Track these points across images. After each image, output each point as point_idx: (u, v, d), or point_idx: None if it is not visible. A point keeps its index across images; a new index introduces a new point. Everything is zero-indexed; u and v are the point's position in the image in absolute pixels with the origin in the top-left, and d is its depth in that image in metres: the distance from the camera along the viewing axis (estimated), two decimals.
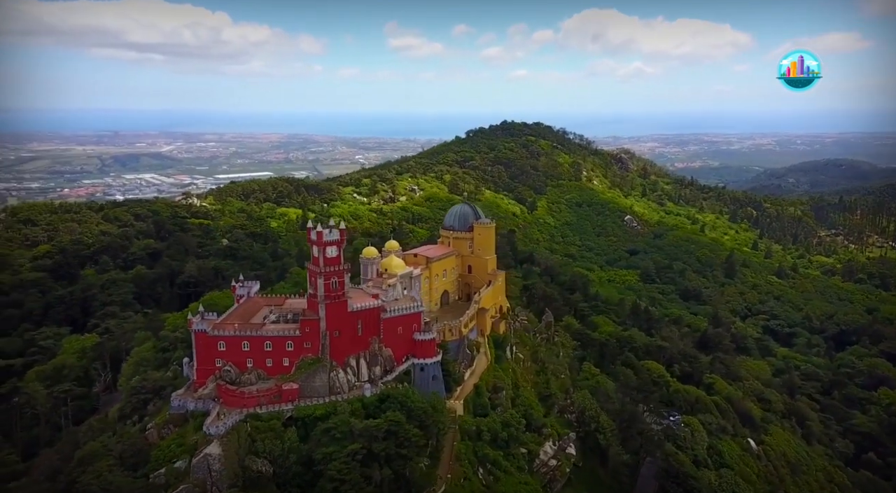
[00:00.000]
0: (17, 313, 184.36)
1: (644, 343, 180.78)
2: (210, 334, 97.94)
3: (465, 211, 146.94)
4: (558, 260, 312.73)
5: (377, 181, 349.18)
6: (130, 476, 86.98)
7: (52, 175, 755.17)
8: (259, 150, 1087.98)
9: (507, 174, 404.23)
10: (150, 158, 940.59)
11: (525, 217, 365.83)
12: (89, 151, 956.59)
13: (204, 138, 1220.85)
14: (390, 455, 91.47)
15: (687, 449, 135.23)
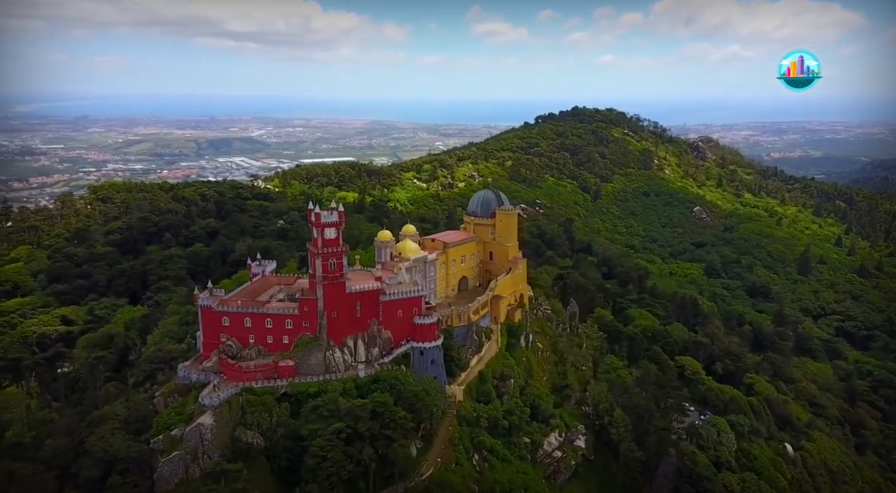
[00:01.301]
0: (85, 284, 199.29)
1: (683, 339, 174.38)
2: (215, 309, 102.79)
3: (488, 197, 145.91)
4: (618, 251, 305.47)
5: (437, 167, 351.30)
6: (134, 441, 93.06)
7: (153, 157, 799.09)
8: (343, 135, 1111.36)
9: (572, 161, 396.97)
10: (242, 142, 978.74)
11: (587, 205, 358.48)
12: (187, 135, 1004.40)
13: (292, 124, 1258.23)
14: (375, 435, 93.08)
15: (709, 450, 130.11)
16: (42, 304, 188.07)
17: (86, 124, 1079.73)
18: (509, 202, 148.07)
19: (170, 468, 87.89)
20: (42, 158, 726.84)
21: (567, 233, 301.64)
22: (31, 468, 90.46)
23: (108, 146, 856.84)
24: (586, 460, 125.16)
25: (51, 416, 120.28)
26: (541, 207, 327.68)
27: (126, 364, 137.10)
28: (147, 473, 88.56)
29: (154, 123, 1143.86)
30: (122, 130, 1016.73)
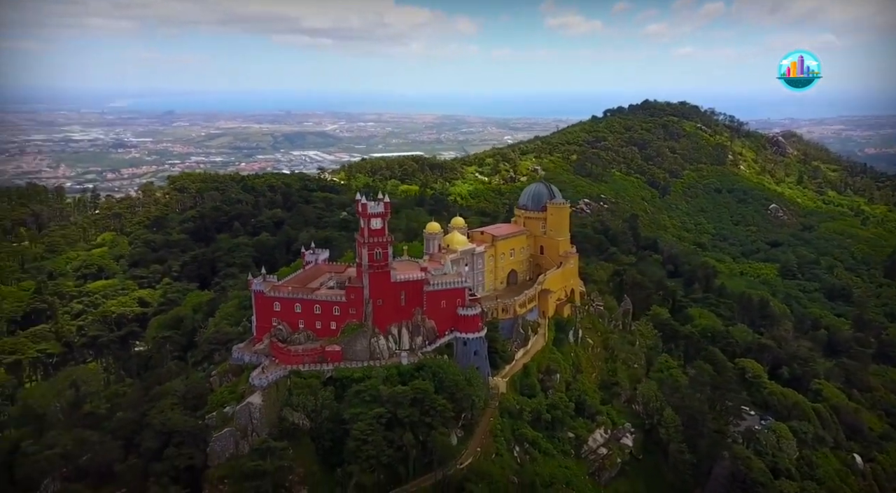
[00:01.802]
0: (160, 269, 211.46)
1: (746, 341, 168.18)
2: (267, 294, 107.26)
3: (540, 190, 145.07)
4: (685, 248, 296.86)
5: (500, 161, 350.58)
6: (190, 416, 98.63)
7: (232, 150, 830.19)
8: (413, 130, 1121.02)
9: (640, 156, 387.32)
10: (316, 136, 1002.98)
11: (655, 201, 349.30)
12: (264, 129, 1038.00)
13: (364, 118, 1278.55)
14: (414, 422, 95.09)
15: (767, 455, 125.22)
16: (122, 286, 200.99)
17: (172, 119, 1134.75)
18: (562, 196, 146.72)
19: (221, 443, 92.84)
20: (133, 151, 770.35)
21: (632, 229, 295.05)
22: (100, 437, 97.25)
23: (191, 139, 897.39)
24: (634, 459, 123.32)
25: (123, 390, 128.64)
26: (605, 203, 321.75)
27: (192, 345, 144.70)
28: (201, 446, 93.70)
29: (234, 118, 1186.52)
30: (205, 124, 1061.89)
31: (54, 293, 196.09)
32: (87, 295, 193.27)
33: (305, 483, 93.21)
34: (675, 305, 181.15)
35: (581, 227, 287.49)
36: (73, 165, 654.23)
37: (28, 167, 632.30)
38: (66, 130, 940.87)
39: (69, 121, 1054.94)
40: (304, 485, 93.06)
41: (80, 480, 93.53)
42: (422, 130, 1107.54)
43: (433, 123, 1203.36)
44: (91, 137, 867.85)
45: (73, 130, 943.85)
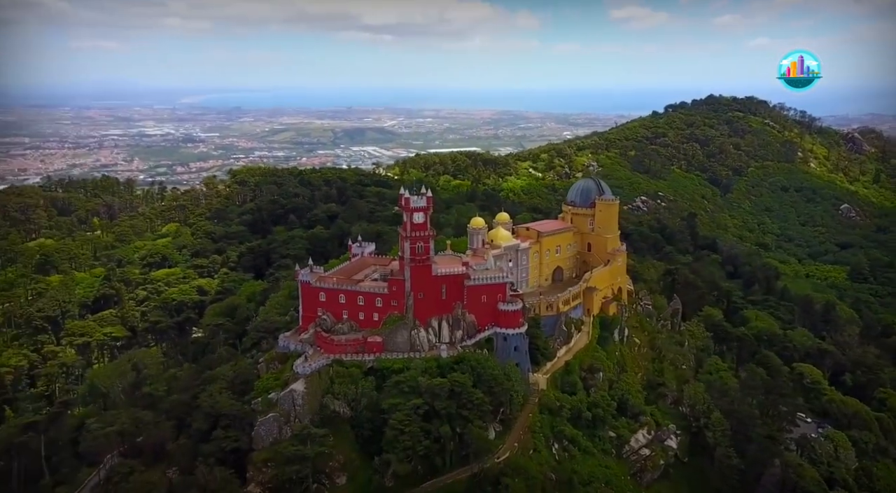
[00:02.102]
0: (219, 259, 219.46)
1: (805, 345, 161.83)
2: (313, 285, 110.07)
3: (588, 186, 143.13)
4: (746, 249, 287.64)
5: (555, 156, 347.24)
6: (237, 400, 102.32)
7: (294, 145, 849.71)
8: (470, 125, 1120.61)
9: (702, 153, 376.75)
10: (375, 132, 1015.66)
11: (716, 200, 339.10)
12: (325, 125, 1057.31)
13: (422, 114, 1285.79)
14: (451, 414, 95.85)
15: (821, 465, 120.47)
16: (183, 275, 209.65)
17: (238, 114, 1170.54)
18: (612, 193, 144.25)
19: (265, 427, 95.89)
20: (201, 146, 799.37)
21: (690, 228, 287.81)
22: (154, 417, 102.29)
23: (255, 135, 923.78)
24: (679, 461, 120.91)
25: (179, 374, 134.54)
26: (663, 200, 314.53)
27: (244, 332, 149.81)
28: (246, 430, 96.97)
29: (297, 114, 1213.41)
30: (269, 120, 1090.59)
31: (121, 280, 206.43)
32: (151, 283, 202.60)
33: (345, 470, 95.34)
34: (730, 306, 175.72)
35: (637, 225, 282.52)
36: (146, 159, 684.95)
37: (105, 160, 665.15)
38: (140, 125, 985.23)
39: (144, 116, 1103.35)
40: (344, 472, 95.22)
41: (136, 457, 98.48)
42: (479, 126, 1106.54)
43: (491, 119, 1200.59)
44: (163, 132, 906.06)
45: (147, 125, 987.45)
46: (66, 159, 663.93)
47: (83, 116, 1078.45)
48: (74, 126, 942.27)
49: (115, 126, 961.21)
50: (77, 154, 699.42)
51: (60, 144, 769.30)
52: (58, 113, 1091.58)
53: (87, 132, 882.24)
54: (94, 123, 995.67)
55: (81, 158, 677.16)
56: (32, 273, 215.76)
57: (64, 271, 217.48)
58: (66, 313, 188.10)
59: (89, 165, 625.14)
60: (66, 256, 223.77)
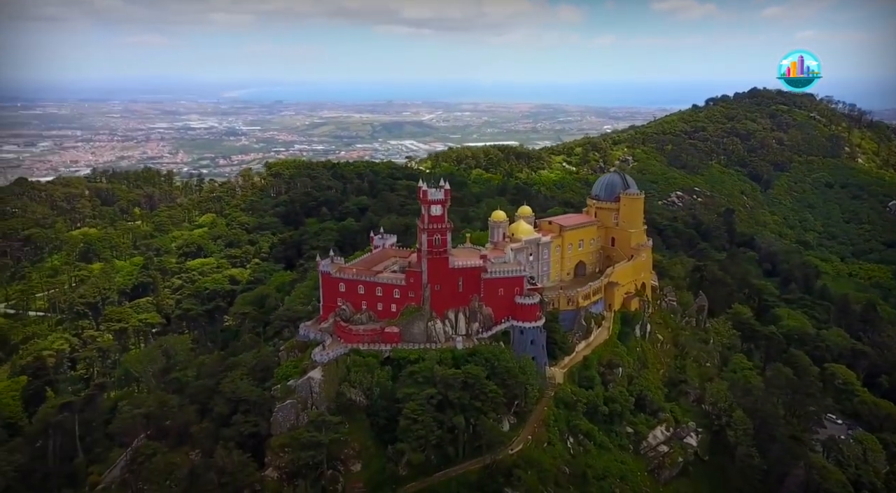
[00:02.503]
0: (252, 249, 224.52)
1: (839, 345, 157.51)
2: (333, 275, 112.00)
3: (613, 180, 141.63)
4: (785, 246, 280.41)
5: (589, 150, 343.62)
6: (257, 387, 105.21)
7: (334, 139, 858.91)
8: (509, 119, 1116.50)
9: (743, 147, 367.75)
10: (413, 126, 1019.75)
11: (755, 196, 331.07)
12: (364, 119, 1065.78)
13: (461, 108, 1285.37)
14: (464, 405, 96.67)
15: (849, 467, 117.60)
16: (217, 265, 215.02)
17: (280, 108, 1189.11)
18: (637, 187, 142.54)
19: (283, 413, 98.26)
20: (242, 139, 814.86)
21: (726, 224, 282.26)
22: (179, 401, 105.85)
23: (296, 128, 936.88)
24: (699, 459, 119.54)
25: (207, 360, 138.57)
26: (699, 196, 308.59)
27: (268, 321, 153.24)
28: (265, 415, 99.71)
29: (336, 108, 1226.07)
30: (309, 114, 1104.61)
31: (158, 269, 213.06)
32: (185, 272, 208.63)
33: (360, 458, 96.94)
34: (762, 304, 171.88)
35: (671, 220, 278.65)
36: (190, 152, 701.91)
37: (152, 153, 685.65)
38: (185, 118, 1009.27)
39: (189, 110, 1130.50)
40: (359, 459, 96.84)
41: (161, 439, 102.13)
42: (517, 120, 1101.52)
43: (529, 112, 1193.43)
44: (207, 126, 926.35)
45: (191, 118, 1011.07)
46: (114, 151, 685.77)
47: (131, 109, 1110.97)
48: (123, 119, 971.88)
49: (161, 119, 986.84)
50: (125, 146, 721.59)
51: (110, 136, 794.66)
52: (107, 107, 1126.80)
53: (136, 125, 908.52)
54: (141, 116, 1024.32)
55: (129, 150, 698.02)
56: (76, 261, 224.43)
57: (105, 259, 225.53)
58: (106, 299, 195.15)
59: (136, 158, 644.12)
60: (107, 244, 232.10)
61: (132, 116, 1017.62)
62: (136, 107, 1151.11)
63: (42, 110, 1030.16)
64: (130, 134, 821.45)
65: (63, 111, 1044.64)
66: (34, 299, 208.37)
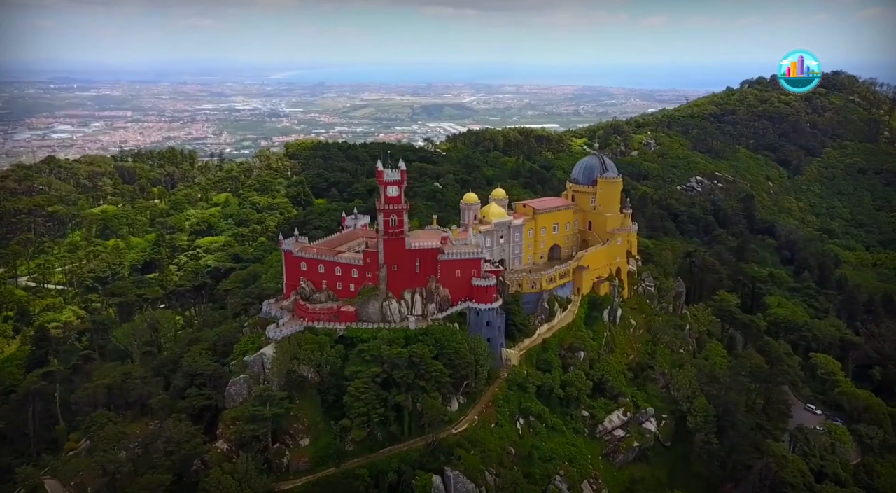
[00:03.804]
0: (259, 229, 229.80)
1: (830, 335, 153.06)
2: (295, 254, 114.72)
3: (591, 163, 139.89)
4: (806, 234, 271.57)
5: (611, 134, 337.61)
6: (216, 361, 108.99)
7: (373, 121, 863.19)
8: (551, 102, 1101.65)
9: (774, 131, 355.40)
10: (453, 108, 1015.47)
11: (782, 182, 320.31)
12: (405, 101, 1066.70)
13: (503, 90, 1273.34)
14: (410, 384, 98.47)
15: (813, 457, 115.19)
16: (224, 243, 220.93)
17: (322, 90, 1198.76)
18: (616, 171, 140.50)
19: (236, 388, 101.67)
20: (284, 120, 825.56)
21: (746, 210, 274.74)
22: (142, 373, 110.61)
23: (337, 110, 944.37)
24: (662, 445, 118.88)
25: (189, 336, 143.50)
26: (720, 181, 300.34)
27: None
28: (220, 390, 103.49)
29: (378, 89, 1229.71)
30: (351, 96, 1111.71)
31: (169, 246, 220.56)
32: (194, 249, 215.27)
33: (309, 433, 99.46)
34: (755, 292, 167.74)
35: (689, 206, 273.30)
36: (233, 133, 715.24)
37: (197, 134, 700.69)
38: (231, 100, 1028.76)
39: (235, 92, 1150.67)
40: (308, 434, 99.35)
41: (126, 410, 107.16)
42: (559, 102, 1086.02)
43: (572, 95, 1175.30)
44: (251, 107, 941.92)
45: (237, 100, 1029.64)
46: (161, 132, 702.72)
47: (180, 91, 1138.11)
48: (172, 101, 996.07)
49: (208, 101, 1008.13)
50: (172, 127, 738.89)
51: (158, 117, 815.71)
52: (157, 88, 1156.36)
53: (183, 106, 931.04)
54: (189, 97, 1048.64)
55: (175, 130, 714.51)
56: (94, 237, 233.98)
57: (122, 235, 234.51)
58: (116, 275, 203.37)
59: (182, 138, 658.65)
60: (124, 221, 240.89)
61: (180, 98, 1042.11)
62: (185, 88, 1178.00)
63: (96, 92, 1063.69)
64: (177, 115, 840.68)
65: (116, 92, 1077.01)
66: (54, 273, 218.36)
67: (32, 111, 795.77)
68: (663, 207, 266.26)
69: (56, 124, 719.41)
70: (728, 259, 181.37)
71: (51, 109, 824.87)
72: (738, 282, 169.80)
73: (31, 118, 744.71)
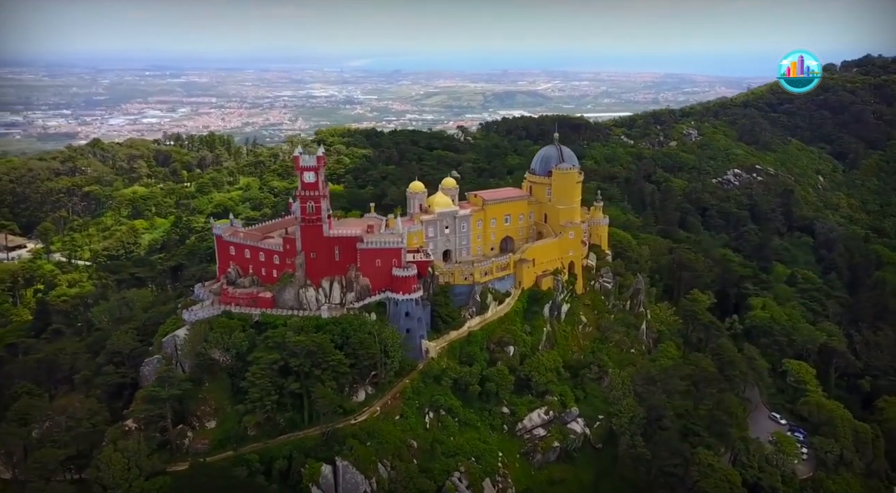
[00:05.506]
0: (270, 213, 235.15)
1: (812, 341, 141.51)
2: (224, 239, 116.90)
3: (548, 153, 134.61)
4: (850, 232, 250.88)
5: (651, 123, 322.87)
6: (142, 341, 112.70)
7: (444, 109, 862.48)
8: (629, 89, 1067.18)
9: (832, 122, 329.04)
10: (526, 95, 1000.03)
11: (834, 176, 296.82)
12: (478, 89, 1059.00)
13: (579, 77, 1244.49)
14: (306, 373, 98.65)
15: (750, 468, 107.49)
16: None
17: (398, 78, 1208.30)
18: (575, 161, 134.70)
19: (149, 368, 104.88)
20: (358, 108, 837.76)
21: (784, 206, 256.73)
22: (74, 349, 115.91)
23: (410, 98, 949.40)
24: (592, 447, 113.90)
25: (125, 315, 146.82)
26: (760, 174, 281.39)
27: None
28: (138, 369, 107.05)
29: (453, 77, 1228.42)
30: (425, 84, 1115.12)
31: (186, 228, 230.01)
32: (207, 231, 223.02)
33: (216, 416, 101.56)
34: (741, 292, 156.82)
35: (722, 200, 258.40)
36: (308, 119, 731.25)
37: (274, 120, 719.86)
38: (309, 87, 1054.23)
39: (314, 79, 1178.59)
40: (215, 417, 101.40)
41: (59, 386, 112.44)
42: (638, 90, 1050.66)
43: (653, 82, 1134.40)
44: (327, 94, 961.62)
45: (315, 87, 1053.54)
46: (241, 118, 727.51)
47: (263, 78, 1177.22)
48: (254, 88, 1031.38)
49: (287, 88, 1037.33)
50: (251, 113, 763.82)
51: (240, 103, 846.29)
52: (242, 75, 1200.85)
53: (263, 93, 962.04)
54: (270, 84, 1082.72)
55: (254, 117, 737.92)
56: (123, 217, 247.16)
57: (147, 216, 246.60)
58: (130, 253, 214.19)
59: (260, 124, 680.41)
60: (151, 203, 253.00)
61: (262, 85, 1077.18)
62: (267, 76, 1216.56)
63: (186, 79, 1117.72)
64: (258, 102, 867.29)
65: (203, 79, 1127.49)
66: (84, 250, 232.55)
67: (128, 97, 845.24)
68: (692, 201, 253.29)
69: (147, 110, 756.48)
70: (717, 256, 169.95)
71: (144, 95, 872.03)
72: (727, 281, 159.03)
73: (126, 104, 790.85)
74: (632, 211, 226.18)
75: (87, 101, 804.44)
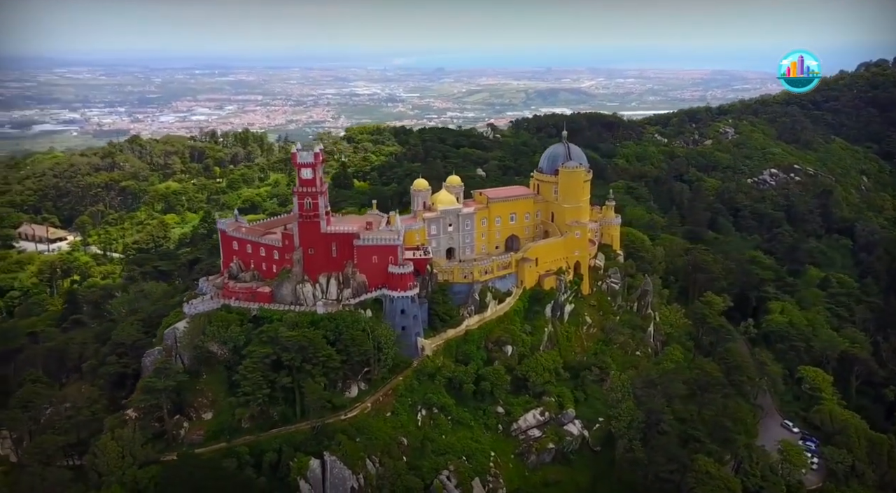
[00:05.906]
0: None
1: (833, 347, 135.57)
2: (228, 233, 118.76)
3: (556, 151, 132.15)
4: (893, 235, 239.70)
5: (686, 122, 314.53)
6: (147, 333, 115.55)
7: (486, 106, 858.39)
8: (676, 87, 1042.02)
9: (881, 120, 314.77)
10: (568, 93, 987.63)
11: (880, 177, 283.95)
12: (520, 86, 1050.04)
13: (625, 74, 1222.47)
14: (297, 367, 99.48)
15: (752, 476, 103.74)
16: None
17: (440, 75, 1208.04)
18: (584, 160, 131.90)
19: (150, 359, 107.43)
20: (400, 105, 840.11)
21: (822, 207, 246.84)
22: (83, 337, 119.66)
23: (452, 95, 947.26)
24: (591, 450, 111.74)
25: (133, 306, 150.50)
26: (797, 174, 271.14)
27: None
28: (140, 360, 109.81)
29: (496, 75, 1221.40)
30: (468, 81, 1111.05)
31: (214, 222, 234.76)
32: None
33: (213, 407, 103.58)
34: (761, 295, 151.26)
35: (756, 201, 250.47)
36: (350, 117, 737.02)
37: (317, 117, 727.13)
38: (353, 85, 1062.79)
39: (357, 77, 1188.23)
40: (212, 408, 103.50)
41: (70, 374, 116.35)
42: (685, 87, 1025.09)
43: (701, 80, 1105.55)
44: (370, 92, 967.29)
45: (358, 85, 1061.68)
46: (286, 116, 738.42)
47: (307, 76, 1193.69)
48: (299, 86, 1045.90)
49: (331, 86, 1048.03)
50: (296, 111, 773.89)
51: (284, 101, 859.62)
52: (287, 74, 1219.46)
53: (308, 91, 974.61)
54: (315, 82, 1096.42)
55: (298, 114, 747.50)
56: (156, 212, 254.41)
57: (179, 211, 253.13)
58: (159, 247, 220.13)
59: (303, 121, 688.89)
60: (184, 198, 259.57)
61: (307, 83, 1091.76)
62: (312, 74, 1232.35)
63: (234, 77, 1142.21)
64: (302, 99, 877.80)
65: (250, 78, 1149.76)
66: (118, 243, 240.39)
67: (178, 95, 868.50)
68: (724, 201, 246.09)
69: (196, 107, 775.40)
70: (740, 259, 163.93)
71: (194, 93, 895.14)
72: (747, 284, 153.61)
73: (177, 101, 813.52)
74: (658, 211, 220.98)
75: (141, 99, 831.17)
